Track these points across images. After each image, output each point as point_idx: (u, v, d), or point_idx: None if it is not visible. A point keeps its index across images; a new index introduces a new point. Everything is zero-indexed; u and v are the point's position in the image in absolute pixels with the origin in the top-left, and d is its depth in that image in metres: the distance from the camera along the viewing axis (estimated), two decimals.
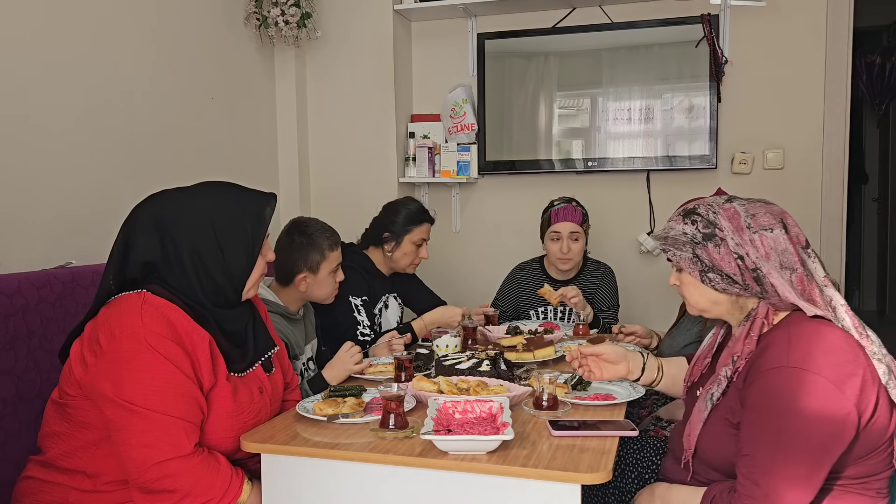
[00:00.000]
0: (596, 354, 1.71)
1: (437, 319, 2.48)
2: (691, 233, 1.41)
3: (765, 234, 1.36)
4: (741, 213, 1.38)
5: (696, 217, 1.41)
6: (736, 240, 1.37)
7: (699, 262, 1.40)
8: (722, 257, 1.37)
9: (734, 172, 3.24)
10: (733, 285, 1.38)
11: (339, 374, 1.99)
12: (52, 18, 2.15)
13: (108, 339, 1.42)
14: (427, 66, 3.61)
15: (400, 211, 2.64)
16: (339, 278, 2.22)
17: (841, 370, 1.25)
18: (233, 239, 1.55)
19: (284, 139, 3.41)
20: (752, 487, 1.26)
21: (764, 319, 1.37)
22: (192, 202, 1.55)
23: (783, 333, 1.32)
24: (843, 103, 3.13)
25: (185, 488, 1.40)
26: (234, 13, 3.06)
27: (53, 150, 2.16)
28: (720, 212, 1.40)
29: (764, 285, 1.35)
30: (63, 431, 1.51)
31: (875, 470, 1.33)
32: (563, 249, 2.69)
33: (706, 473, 1.43)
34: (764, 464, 1.25)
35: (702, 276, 1.41)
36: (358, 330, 2.47)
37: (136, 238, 1.51)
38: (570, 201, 2.76)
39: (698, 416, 1.43)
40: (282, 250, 2.12)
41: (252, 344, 1.64)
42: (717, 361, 1.49)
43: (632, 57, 3.28)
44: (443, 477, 1.37)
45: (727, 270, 1.37)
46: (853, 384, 1.24)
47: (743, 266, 1.36)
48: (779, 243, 1.36)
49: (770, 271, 1.34)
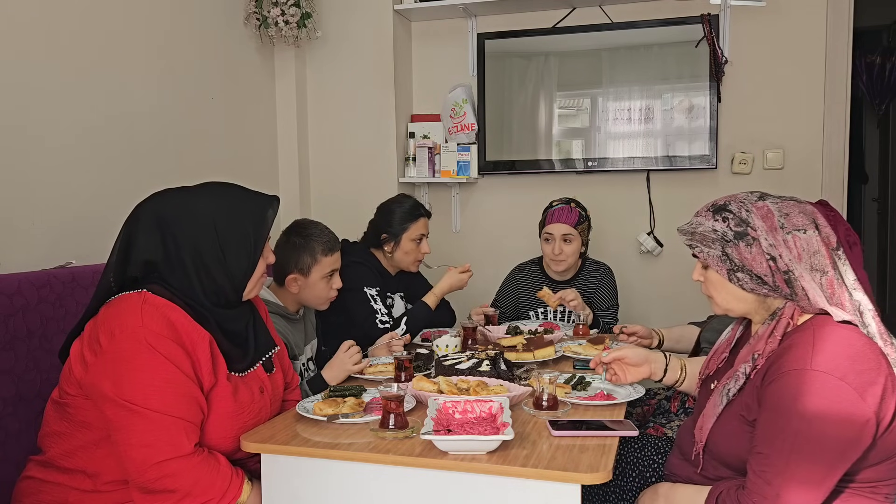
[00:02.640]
0: (619, 359, 1.72)
1: (446, 287, 2.56)
2: (722, 230, 1.37)
3: (798, 234, 1.32)
4: (774, 213, 1.34)
5: (728, 214, 1.37)
6: (770, 240, 1.33)
7: (728, 261, 1.36)
8: (754, 257, 1.34)
9: (734, 172, 3.24)
10: (762, 286, 1.35)
11: (339, 375, 1.99)
12: (51, 19, 2.15)
13: (109, 339, 1.42)
14: (427, 66, 3.61)
15: (394, 210, 2.63)
16: (336, 285, 2.18)
17: (864, 377, 1.23)
18: (234, 240, 1.54)
19: (284, 139, 3.41)
20: (764, 486, 1.25)
21: (789, 320, 1.35)
22: (195, 202, 1.54)
23: (808, 335, 1.29)
24: (843, 103, 3.13)
25: (185, 488, 1.40)
26: (234, 13, 3.06)
27: (53, 150, 2.16)
28: (753, 210, 1.36)
29: (794, 288, 1.32)
30: (63, 431, 1.51)
31: (886, 476, 1.32)
32: (555, 251, 2.68)
33: (715, 469, 1.42)
34: (777, 464, 1.24)
35: (730, 274, 1.37)
36: (377, 318, 2.47)
37: (137, 236, 1.51)
38: (570, 202, 2.75)
39: (712, 409, 1.41)
40: (278, 249, 2.12)
41: (253, 344, 1.64)
42: (734, 356, 1.47)
43: (632, 57, 3.28)
44: (443, 477, 1.37)
45: (758, 271, 1.34)
46: (874, 392, 1.23)
47: (775, 267, 1.33)
48: (811, 244, 1.32)
49: (802, 274, 1.31)
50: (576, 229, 2.69)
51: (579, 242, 2.71)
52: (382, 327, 2.45)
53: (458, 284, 2.56)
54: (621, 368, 1.74)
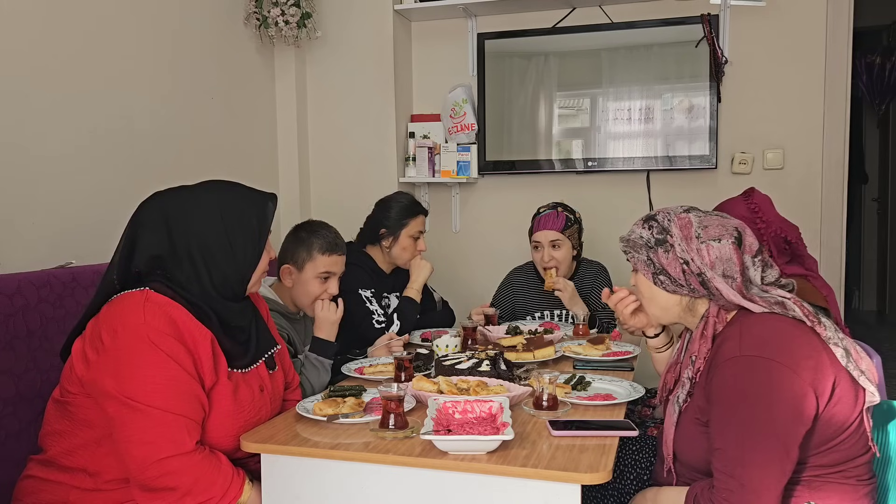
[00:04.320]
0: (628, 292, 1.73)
1: (421, 279, 2.61)
2: (647, 237, 1.51)
3: (712, 244, 1.44)
4: (693, 224, 1.47)
5: (654, 223, 1.51)
6: (683, 246, 1.45)
7: (652, 265, 1.50)
8: (669, 262, 1.47)
9: (734, 172, 3.24)
10: (680, 287, 1.48)
11: (330, 329, 2.09)
12: (52, 19, 2.15)
13: (111, 337, 1.43)
14: (427, 66, 3.61)
15: (392, 206, 2.65)
16: (331, 290, 2.16)
17: (793, 354, 1.31)
18: (241, 231, 1.57)
19: (284, 139, 3.41)
20: (728, 480, 1.29)
21: (715, 318, 1.45)
22: (199, 197, 1.57)
23: (735, 328, 1.40)
24: (843, 103, 3.14)
25: (186, 486, 1.40)
26: (234, 13, 3.06)
27: (54, 150, 2.16)
28: (675, 220, 1.49)
29: (710, 288, 1.44)
30: (64, 430, 1.51)
31: (849, 455, 1.36)
32: (545, 258, 2.66)
33: (690, 475, 1.46)
34: (735, 455, 1.30)
35: (654, 277, 1.51)
36: (373, 319, 2.48)
37: (143, 233, 1.53)
38: (556, 207, 2.71)
39: (669, 420, 1.48)
40: (285, 241, 2.18)
41: (255, 341, 1.65)
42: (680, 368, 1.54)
43: (632, 57, 3.28)
44: (443, 477, 1.37)
45: (674, 274, 1.47)
46: (807, 365, 1.30)
47: (688, 270, 1.45)
48: (724, 253, 1.43)
49: (714, 276, 1.43)
50: (563, 234, 2.65)
51: (569, 246, 2.68)
52: (379, 328, 2.46)
53: (426, 269, 2.62)
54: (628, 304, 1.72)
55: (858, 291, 6.25)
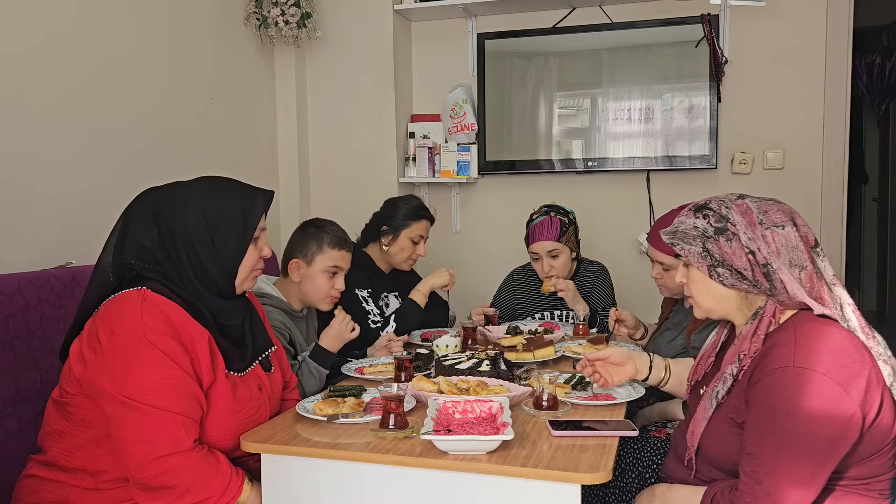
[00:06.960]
0: (601, 359, 1.72)
1: (430, 284, 2.58)
2: (702, 227, 1.40)
3: (776, 230, 1.35)
4: (753, 209, 1.38)
5: (709, 211, 1.41)
6: (749, 234, 1.35)
7: (709, 257, 1.39)
8: (734, 251, 1.36)
9: (734, 172, 3.24)
10: (742, 281, 1.37)
11: (337, 344, 2.08)
12: (52, 20, 2.15)
13: (108, 336, 1.43)
14: (427, 66, 3.61)
15: (400, 206, 2.67)
16: (339, 286, 2.18)
17: (846, 371, 1.24)
18: (223, 226, 1.56)
19: (284, 139, 3.41)
20: (755, 486, 1.26)
21: (771, 318, 1.36)
22: (186, 192, 1.57)
23: (789, 333, 1.31)
24: (843, 103, 3.14)
25: (184, 484, 1.40)
26: (234, 13, 3.06)
27: (53, 149, 2.16)
28: (732, 207, 1.39)
29: (773, 281, 1.34)
30: (64, 430, 1.51)
31: (878, 471, 1.33)
32: (545, 269, 2.65)
33: (709, 472, 1.43)
34: (767, 463, 1.25)
35: (710, 270, 1.39)
36: (369, 319, 2.50)
37: (133, 227, 1.54)
38: (549, 213, 2.66)
39: (703, 413, 1.42)
40: (292, 237, 2.21)
41: (250, 343, 1.65)
42: (720, 360, 1.48)
43: (632, 57, 3.28)
44: (443, 477, 1.37)
45: (738, 265, 1.36)
46: (858, 385, 1.24)
47: (754, 261, 1.35)
48: (790, 240, 1.35)
49: (780, 267, 1.33)
50: (560, 242, 2.61)
51: (568, 252, 2.66)
52: (374, 328, 2.46)
53: (440, 283, 2.59)
54: (606, 370, 1.72)
55: (858, 291, 6.24)
